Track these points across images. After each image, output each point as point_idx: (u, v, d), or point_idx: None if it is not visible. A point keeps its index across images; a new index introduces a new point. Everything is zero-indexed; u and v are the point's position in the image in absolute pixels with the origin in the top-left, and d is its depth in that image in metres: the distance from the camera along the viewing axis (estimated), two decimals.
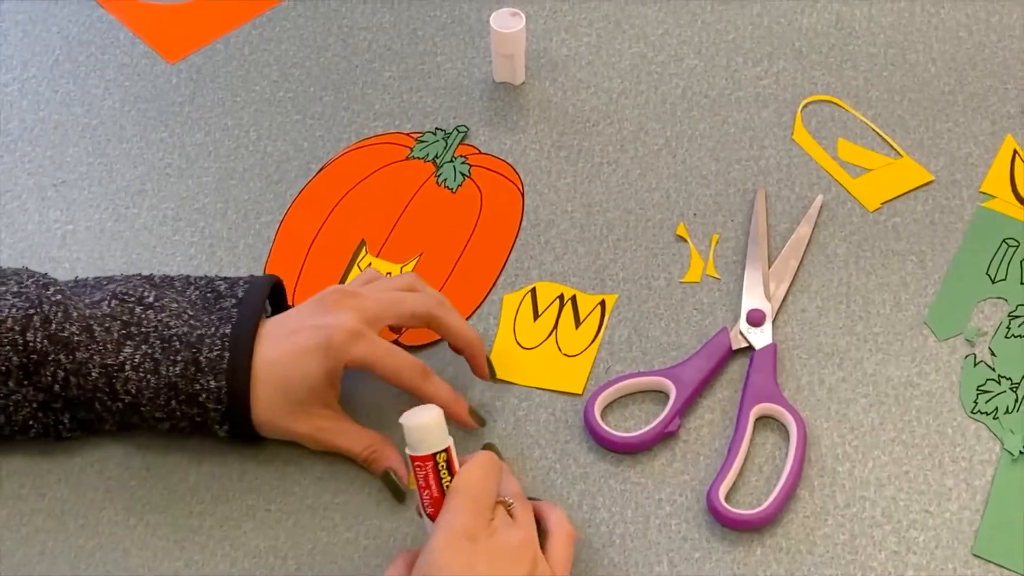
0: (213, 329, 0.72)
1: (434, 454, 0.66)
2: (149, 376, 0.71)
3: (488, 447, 0.75)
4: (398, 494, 0.74)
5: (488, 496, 0.66)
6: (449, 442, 0.67)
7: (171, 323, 0.73)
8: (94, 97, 0.95)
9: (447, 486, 0.66)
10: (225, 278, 0.77)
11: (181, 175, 0.90)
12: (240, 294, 0.75)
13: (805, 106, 0.93)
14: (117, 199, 0.89)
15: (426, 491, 0.66)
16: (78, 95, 0.95)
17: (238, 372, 0.71)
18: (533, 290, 0.84)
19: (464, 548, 0.63)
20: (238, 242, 0.87)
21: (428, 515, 0.67)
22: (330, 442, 0.75)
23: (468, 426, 0.76)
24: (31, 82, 0.96)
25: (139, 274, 0.77)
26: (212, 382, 0.71)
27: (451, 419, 0.72)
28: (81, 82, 0.95)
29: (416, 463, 0.66)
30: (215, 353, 0.71)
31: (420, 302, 0.75)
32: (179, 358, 0.71)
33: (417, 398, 0.74)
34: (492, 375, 0.78)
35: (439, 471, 0.66)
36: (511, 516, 0.67)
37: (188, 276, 0.77)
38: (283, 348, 0.72)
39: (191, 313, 0.73)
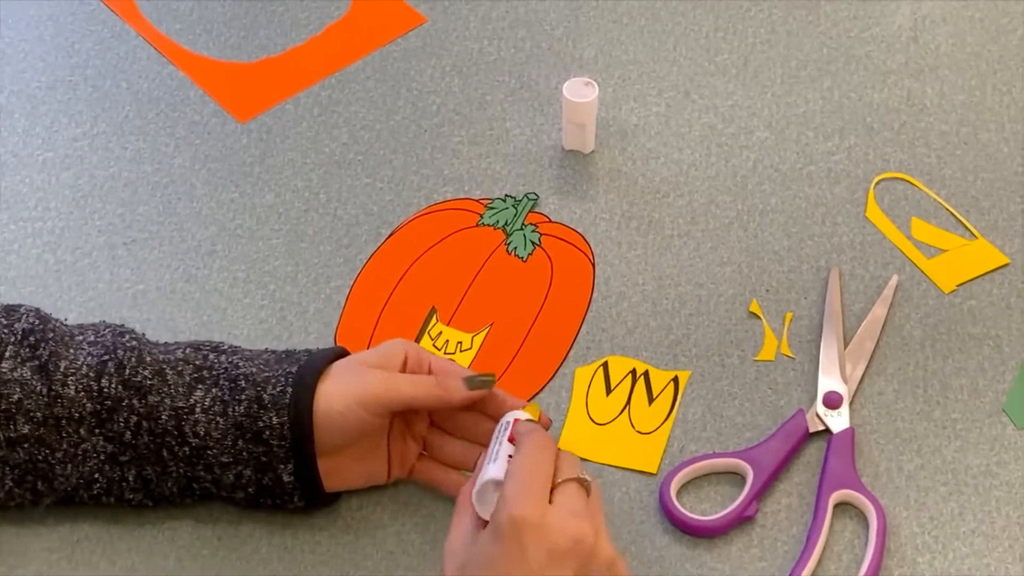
0: (280, 371, 0.72)
1: None
2: (218, 418, 0.71)
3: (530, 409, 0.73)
4: (489, 384, 0.73)
5: (543, 472, 0.65)
6: None
7: (240, 364, 0.73)
8: (164, 155, 0.95)
9: None
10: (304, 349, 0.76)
11: (251, 236, 0.90)
12: (313, 350, 0.75)
13: (878, 183, 0.93)
14: (187, 259, 0.89)
15: None
16: (148, 152, 0.95)
17: (301, 408, 0.71)
18: (605, 364, 0.84)
19: (511, 540, 0.62)
20: (308, 306, 0.86)
21: None
22: (401, 389, 0.72)
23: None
24: (101, 138, 0.96)
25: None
26: (275, 418, 0.71)
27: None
28: (151, 139, 0.96)
29: None
30: (278, 389, 0.71)
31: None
32: (243, 396, 0.71)
33: None
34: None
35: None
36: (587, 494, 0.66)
37: (267, 348, 0.77)
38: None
39: (261, 361, 0.74)
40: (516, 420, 0.70)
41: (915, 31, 1.02)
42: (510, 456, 0.67)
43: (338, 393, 0.71)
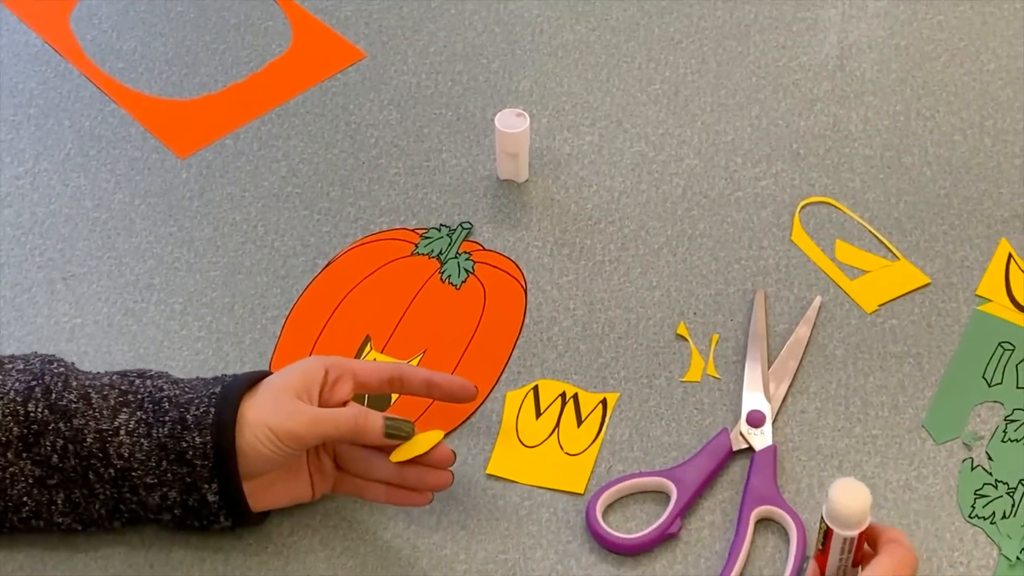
0: (203, 392, 0.74)
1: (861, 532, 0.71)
2: (142, 440, 0.73)
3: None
4: (405, 434, 0.75)
5: None
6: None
7: (165, 387, 0.75)
8: (104, 191, 0.96)
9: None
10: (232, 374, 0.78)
11: (189, 269, 0.92)
12: (239, 374, 0.76)
13: (803, 207, 0.95)
14: (125, 293, 0.90)
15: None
16: (89, 189, 0.96)
17: (223, 427, 0.72)
18: (535, 388, 0.85)
19: None
20: (244, 337, 0.88)
21: None
22: (324, 431, 0.73)
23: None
24: (43, 175, 0.97)
25: None
26: (197, 438, 0.72)
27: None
28: (92, 176, 0.97)
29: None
30: (201, 410, 0.73)
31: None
32: (167, 418, 0.73)
33: (394, 389, 0.77)
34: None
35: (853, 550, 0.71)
36: None
37: (198, 376, 0.78)
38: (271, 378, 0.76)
39: (187, 385, 0.76)
40: None
41: (841, 59, 1.05)
42: None
43: (259, 422, 0.72)
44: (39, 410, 0.73)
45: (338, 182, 0.97)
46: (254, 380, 0.75)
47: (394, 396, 0.83)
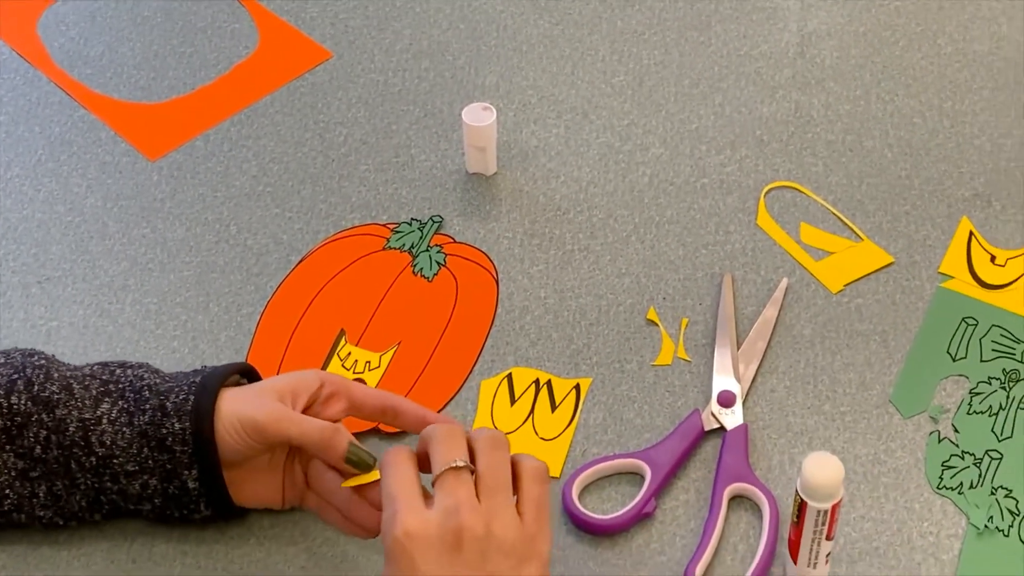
0: (184, 381, 0.75)
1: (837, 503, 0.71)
2: (124, 428, 0.74)
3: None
4: (365, 465, 0.73)
5: (407, 485, 0.67)
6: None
7: (145, 376, 0.76)
8: (76, 195, 0.97)
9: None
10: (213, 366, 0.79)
11: (163, 270, 0.92)
12: (219, 365, 0.77)
13: (768, 192, 0.97)
14: (100, 295, 0.91)
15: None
16: (61, 194, 0.97)
17: (202, 414, 0.73)
18: (509, 375, 0.87)
19: (401, 557, 0.64)
20: (219, 335, 0.89)
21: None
22: (287, 430, 0.73)
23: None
24: (14, 181, 0.98)
25: None
26: (176, 424, 0.73)
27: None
28: (64, 181, 0.98)
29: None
30: (181, 397, 0.74)
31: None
32: (147, 406, 0.74)
33: (387, 419, 0.77)
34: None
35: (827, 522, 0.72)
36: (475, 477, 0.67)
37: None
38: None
39: (168, 375, 0.77)
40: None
41: (802, 46, 1.06)
42: None
43: (231, 412, 0.73)
44: (22, 402, 0.73)
45: (308, 180, 0.98)
46: (234, 371, 0.76)
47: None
